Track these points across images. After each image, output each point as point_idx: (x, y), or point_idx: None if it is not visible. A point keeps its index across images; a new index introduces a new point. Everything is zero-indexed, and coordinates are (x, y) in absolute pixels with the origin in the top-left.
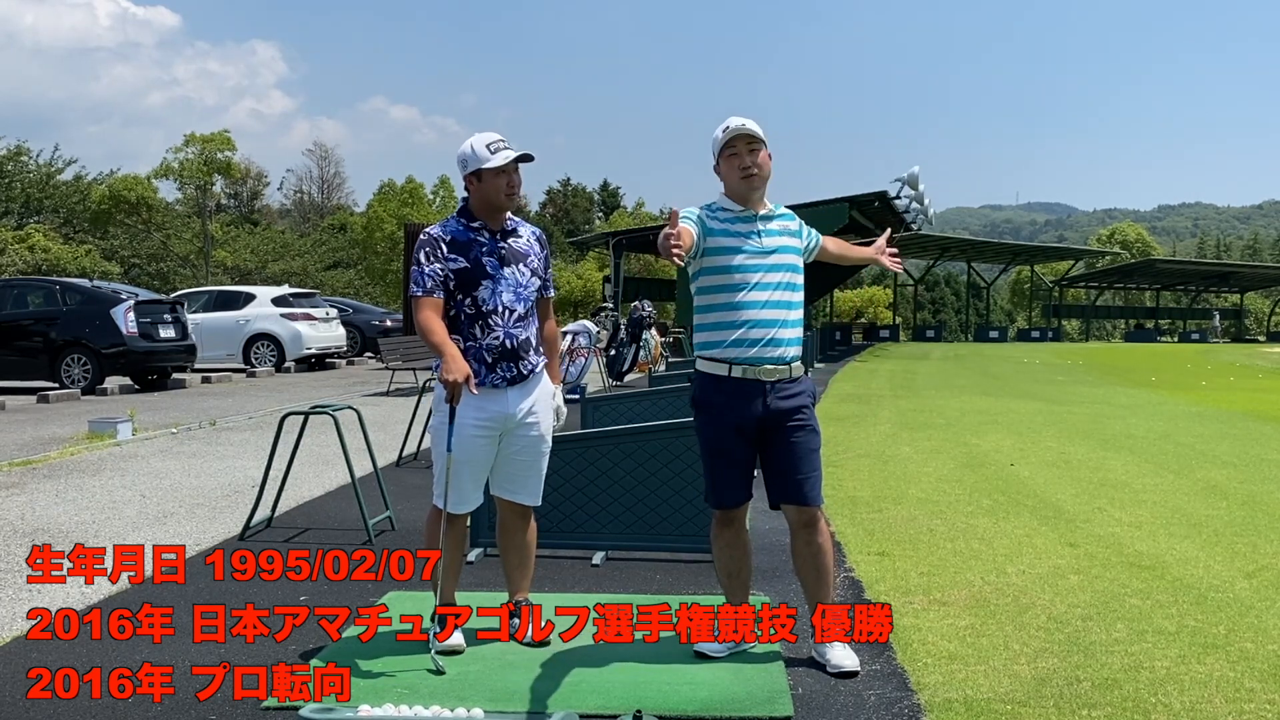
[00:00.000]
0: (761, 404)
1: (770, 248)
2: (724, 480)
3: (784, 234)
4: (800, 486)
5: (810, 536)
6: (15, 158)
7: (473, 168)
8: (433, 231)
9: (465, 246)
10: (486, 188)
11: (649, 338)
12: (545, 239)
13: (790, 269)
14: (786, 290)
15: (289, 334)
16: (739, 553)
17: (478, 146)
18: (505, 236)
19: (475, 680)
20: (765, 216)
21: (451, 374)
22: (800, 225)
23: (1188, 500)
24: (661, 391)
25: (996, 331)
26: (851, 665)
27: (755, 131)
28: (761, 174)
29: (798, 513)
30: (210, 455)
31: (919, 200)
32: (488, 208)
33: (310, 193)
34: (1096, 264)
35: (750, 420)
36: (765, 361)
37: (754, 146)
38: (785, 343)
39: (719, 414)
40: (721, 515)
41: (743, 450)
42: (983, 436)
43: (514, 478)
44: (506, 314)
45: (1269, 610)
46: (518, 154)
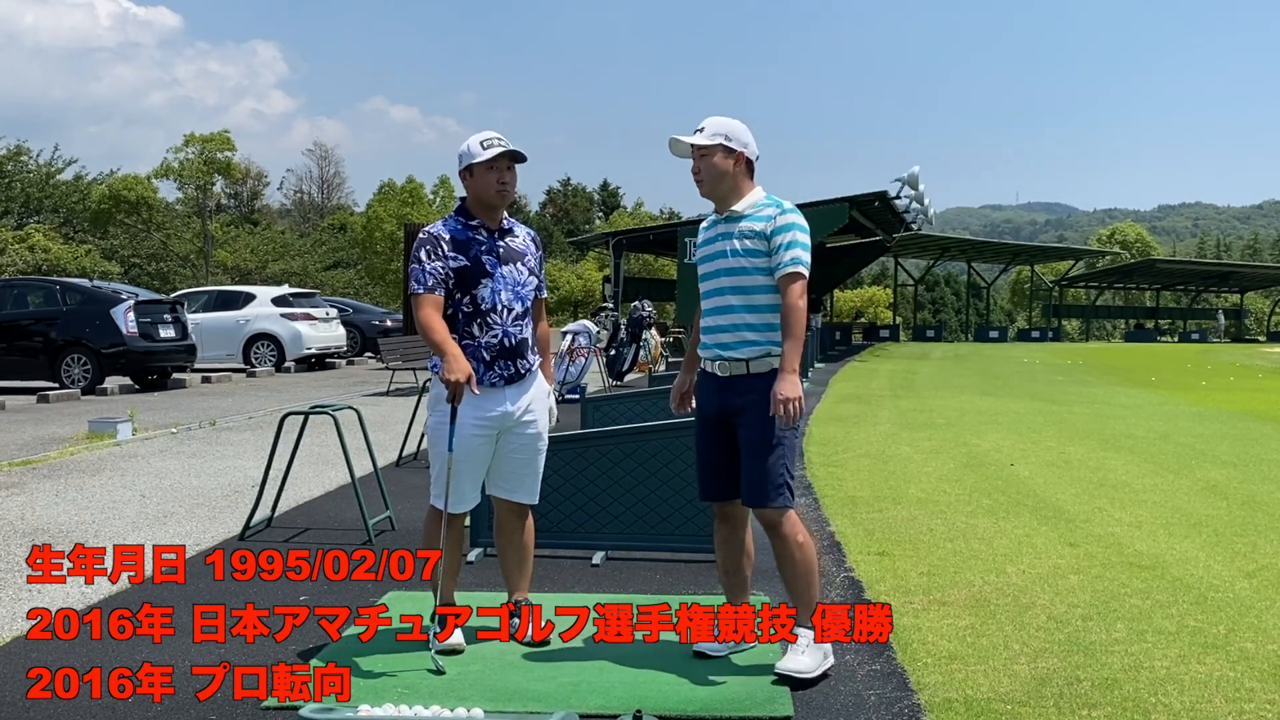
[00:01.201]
0: (717, 399)
1: (723, 251)
2: (699, 472)
3: (744, 236)
4: (745, 484)
5: (772, 541)
6: (15, 157)
7: (465, 163)
8: (432, 230)
9: (465, 245)
10: (478, 183)
11: (649, 338)
12: (539, 239)
13: (737, 273)
14: (733, 294)
15: (289, 334)
16: (733, 551)
17: (472, 143)
18: (502, 235)
19: (475, 680)
20: (728, 218)
21: (453, 374)
22: (769, 227)
23: (1188, 500)
24: (661, 391)
25: (996, 331)
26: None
27: (693, 141)
28: (703, 178)
29: (757, 514)
30: (210, 455)
31: (919, 200)
32: (481, 205)
33: (310, 193)
34: (1096, 264)
35: (710, 413)
36: (720, 358)
37: (703, 152)
38: (734, 344)
39: (697, 406)
40: (716, 511)
41: (711, 444)
42: (983, 436)
43: (511, 476)
44: (505, 312)
45: (1269, 610)
46: (505, 149)
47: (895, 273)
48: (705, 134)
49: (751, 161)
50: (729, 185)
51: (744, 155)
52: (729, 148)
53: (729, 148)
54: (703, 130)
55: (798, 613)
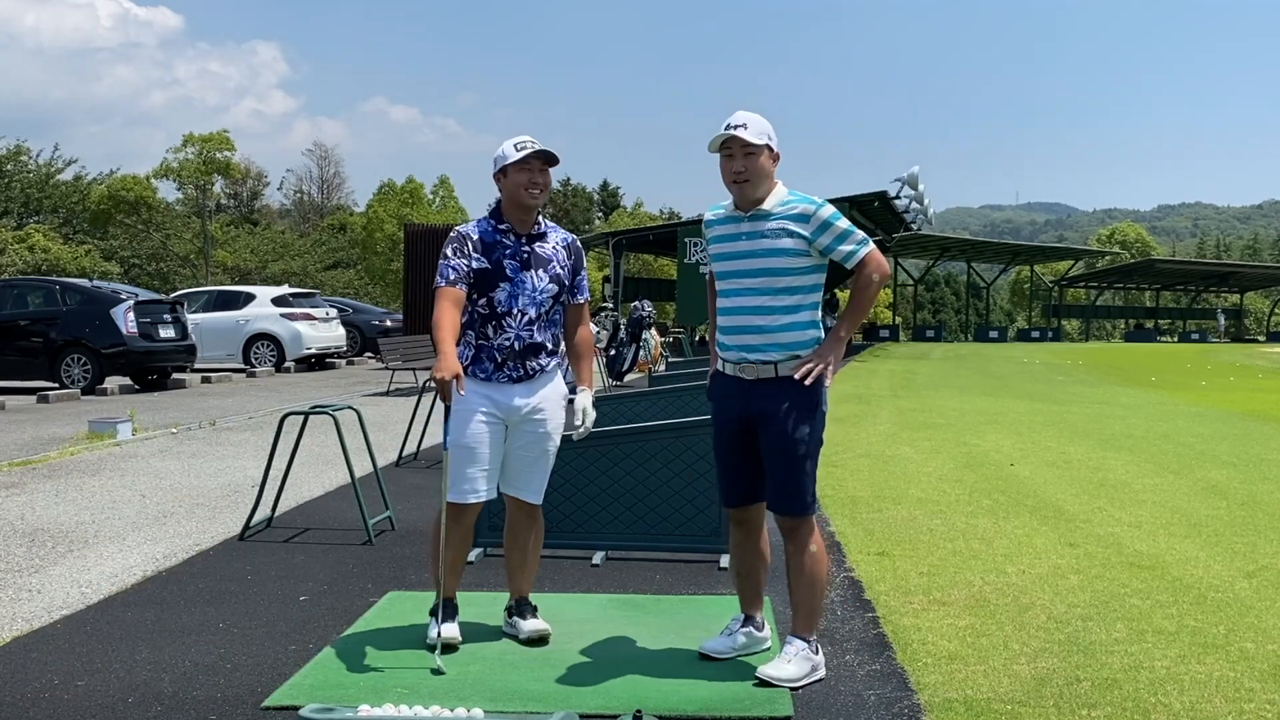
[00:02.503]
0: (740, 402)
1: (750, 250)
2: (720, 476)
3: (779, 234)
4: (773, 490)
5: (789, 549)
6: (15, 157)
7: (500, 165)
8: (463, 229)
9: (490, 247)
10: (510, 184)
11: (649, 338)
12: (578, 245)
13: (770, 273)
14: (765, 295)
15: (289, 334)
16: (747, 555)
17: (507, 145)
18: (532, 240)
19: (475, 680)
20: (754, 216)
21: (440, 372)
22: (812, 225)
23: (1188, 500)
24: (661, 391)
25: (996, 331)
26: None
27: (747, 139)
28: (748, 177)
29: (777, 518)
30: (210, 455)
31: (919, 200)
32: (514, 206)
33: (310, 193)
34: (1096, 264)
35: (732, 418)
36: (745, 360)
37: (748, 150)
38: (762, 347)
39: (715, 408)
40: (731, 514)
41: (734, 449)
42: (983, 436)
43: (519, 473)
44: (519, 317)
45: (1269, 610)
46: (536, 149)
47: (895, 273)
48: (751, 132)
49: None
50: (768, 185)
51: (779, 155)
52: (771, 147)
53: (771, 147)
54: (746, 127)
55: (795, 620)
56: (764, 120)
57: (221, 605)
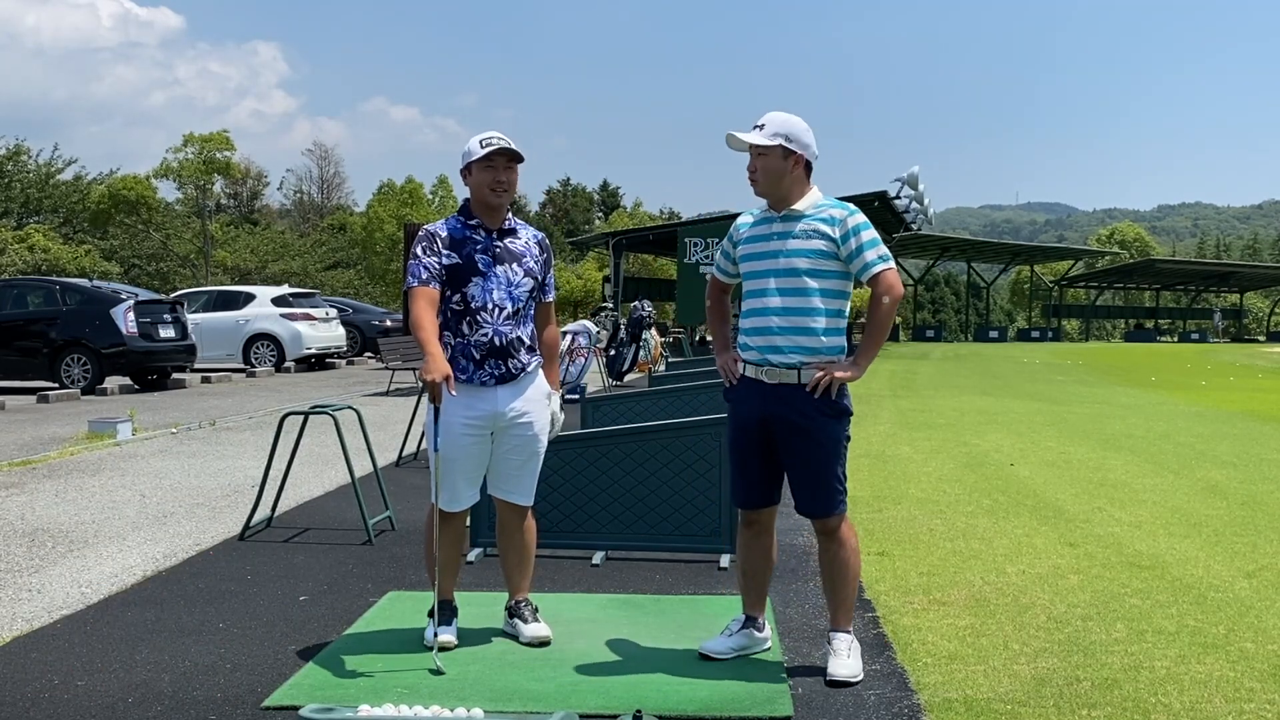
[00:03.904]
0: (760, 405)
1: (780, 250)
2: (734, 477)
3: (809, 235)
4: (805, 496)
5: (825, 545)
6: (15, 157)
7: (465, 161)
8: (430, 227)
9: (460, 243)
10: (475, 182)
11: (649, 338)
12: (547, 243)
13: (797, 273)
14: (791, 295)
15: (289, 334)
16: (755, 555)
17: (473, 142)
18: (502, 236)
19: (475, 680)
20: (786, 217)
21: (430, 373)
22: (840, 230)
23: (1188, 500)
24: (661, 391)
25: (996, 331)
26: (843, 675)
27: (752, 140)
28: (757, 177)
29: (815, 521)
30: (210, 455)
31: (919, 200)
32: (480, 204)
33: (310, 193)
34: (1096, 264)
35: (752, 420)
36: (768, 363)
37: (758, 150)
38: (786, 349)
39: (733, 409)
40: (743, 515)
41: (752, 451)
42: (983, 436)
43: (508, 477)
44: (496, 311)
45: (1269, 610)
46: (499, 146)
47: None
48: (765, 133)
49: (810, 164)
50: (786, 186)
51: (803, 157)
52: (788, 149)
53: (788, 149)
54: (763, 128)
55: (839, 617)
56: (792, 122)
57: (221, 605)
